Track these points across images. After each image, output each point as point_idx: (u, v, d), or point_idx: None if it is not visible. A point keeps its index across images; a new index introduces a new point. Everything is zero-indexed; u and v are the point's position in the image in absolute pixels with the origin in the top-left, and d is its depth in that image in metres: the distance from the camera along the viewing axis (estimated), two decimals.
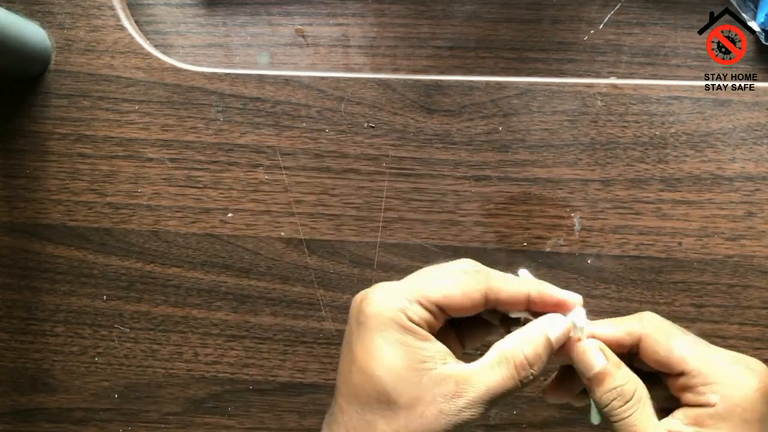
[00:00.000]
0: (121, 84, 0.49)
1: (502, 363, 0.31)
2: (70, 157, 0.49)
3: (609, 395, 0.31)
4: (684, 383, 0.31)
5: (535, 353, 0.31)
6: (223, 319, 0.49)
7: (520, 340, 0.32)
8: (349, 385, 0.31)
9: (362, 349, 0.31)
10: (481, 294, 0.32)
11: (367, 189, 0.48)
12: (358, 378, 0.31)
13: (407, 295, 0.32)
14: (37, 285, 0.50)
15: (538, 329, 0.32)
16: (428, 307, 0.32)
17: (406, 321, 0.31)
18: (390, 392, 0.30)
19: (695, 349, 0.32)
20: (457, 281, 0.32)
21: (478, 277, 0.33)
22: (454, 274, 0.33)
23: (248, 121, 0.48)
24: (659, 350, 0.32)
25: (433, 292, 0.32)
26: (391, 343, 0.31)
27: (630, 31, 0.49)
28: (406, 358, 0.30)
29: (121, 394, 0.50)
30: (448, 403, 0.30)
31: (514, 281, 0.33)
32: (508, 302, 0.33)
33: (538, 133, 0.47)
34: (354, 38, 0.50)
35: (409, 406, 0.30)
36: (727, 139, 0.45)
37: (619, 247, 0.47)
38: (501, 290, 0.32)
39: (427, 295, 0.32)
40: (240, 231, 0.49)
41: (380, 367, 0.30)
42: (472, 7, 0.50)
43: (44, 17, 0.49)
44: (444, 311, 0.32)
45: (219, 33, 0.51)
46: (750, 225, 0.46)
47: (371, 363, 0.31)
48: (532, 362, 0.31)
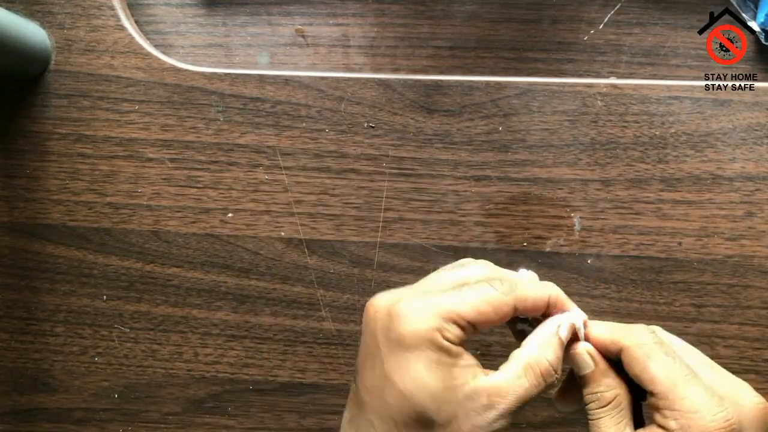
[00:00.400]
0: (121, 84, 0.49)
1: (528, 372, 0.32)
2: (70, 157, 0.49)
3: (590, 397, 0.33)
4: (654, 403, 0.31)
5: (556, 358, 0.33)
6: (223, 319, 0.49)
7: (541, 347, 0.33)
8: (383, 403, 0.32)
9: (398, 369, 0.32)
10: (511, 308, 0.33)
11: (367, 189, 0.48)
12: (395, 398, 0.32)
13: (441, 313, 0.32)
14: (37, 285, 0.50)
15: (551, 332, 0.33)
16: (462, 325, 0.32)
17: (442, 341, 0.31)
18: (428, 412, 0.31)
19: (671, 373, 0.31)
20: (488, 298, 0.33)
21: (505, 289, 0.33)
22: (482, 289, 0.33)
23: (248, 121, 0.48)
24: (634, 366, 0.32)
25: (467, 312, 0.32)
26: (428, 364, 0.31)
27: (630, 31, 0.49)
28: (442, 377, 0.31)
29: (121, 394, 0.50)
30: (480, 416, 0.31)
31: (537, 289, 0.34)
32: (533, 310, 0.34)
33: (538, 133, 0.47)
34: (354, 38, 0.50)
35: (446, 422, 0.31)
36: (727, 139, 0.45)
37: (619, 247, 0.47)
38: (527, 300, 0.33)
39: (461, 313, 0.32)
40: (240, 231, 0.49)
41: (418, 389, 0.31)
42: (472, 7, 0.50)
43: (44, 17, 0.49)
44: (475, 327, 0.33)
45: (219, 33, 0.51)
46: (750, 225, 0.46)
47: (409, 385, 0.31)
48: (556, 367, 0.33)
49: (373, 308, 0.33)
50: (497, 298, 0.33)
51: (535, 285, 0.34)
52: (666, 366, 0.32)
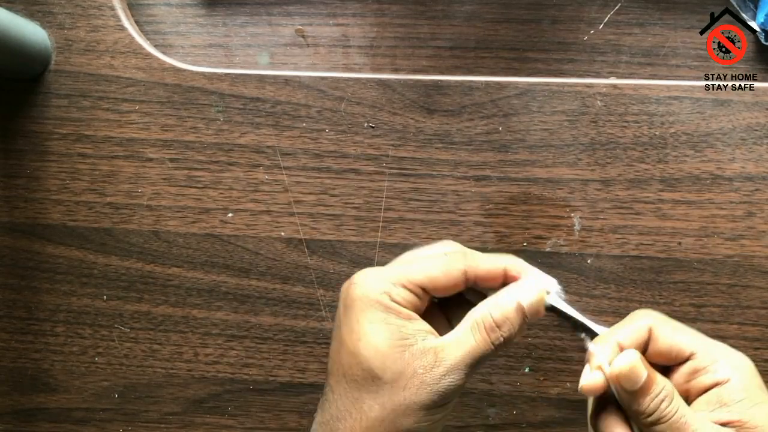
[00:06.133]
0: (122, 84, 0.49)
1: (474, 328, 0.33)
2: (70, 157, 0.49)
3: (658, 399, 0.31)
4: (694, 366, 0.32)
5: (503, 316, 0.33)
6: (223, 319, 0.49)
7: (489, 305, 0.33)
8: (338, 365, 0.33)
9: (348, 330, 0.33)
10: (460, 272, 0.33)
11: (367, 189, 0.48)
12: (345, 358, 0.33)
13: (391, 278, 0.33)
14: (37, 285, 0.50)
15: (507, 295, 0.34)
16: (412, 289, 0.33)
17: (389, 302, 0.32)
18: (374, 369, 0.32)
19: (694, 333, 0.33)
20: (438, 262, 0.34)
21: (457, 256, 0.34)
22: (436, 255, 0.34)
23: (248, 121, 0.48)
24: (668, 338, 0.32)
25: (416, 275, 0.33)
26: (374, 322, 0.32)
27: (630, 31, 0.49)
28: (389, 336, 0.32)
29: (121, 394, 0.50)
30: (428, 373, 0.32)
31: (492, 258, 0.34)
32: (487, 277, 0.34)
33: (538, 133, 0.47)
34: (354, 38, 0.50)
35: (393, 380, 0.32)
36: (726, 139, 0.45)
37: (619, 247, 0.47)
38: (479, 267, 0.34)
39: (411, 277, 0.33)
40: (240, 231, 0.49)
41: (365, 346, 0.32)
42: (472, 7, 0.50)
43: (44, 17, 0.49)
44: (428, 292, 0.34)
45: (219, 33, 0.51)
46: (750, 225, 0.46)
47: (357, 343, 0.32)
48: (500, 324, 0.33)
49: (343, 285, 0.35)
50: (446, 264, 0.34)
51: (491, 257, 0.35)
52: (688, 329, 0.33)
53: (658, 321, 0.33)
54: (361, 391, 0.32)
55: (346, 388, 0.32)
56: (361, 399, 0.32)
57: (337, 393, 0.33)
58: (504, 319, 0.33)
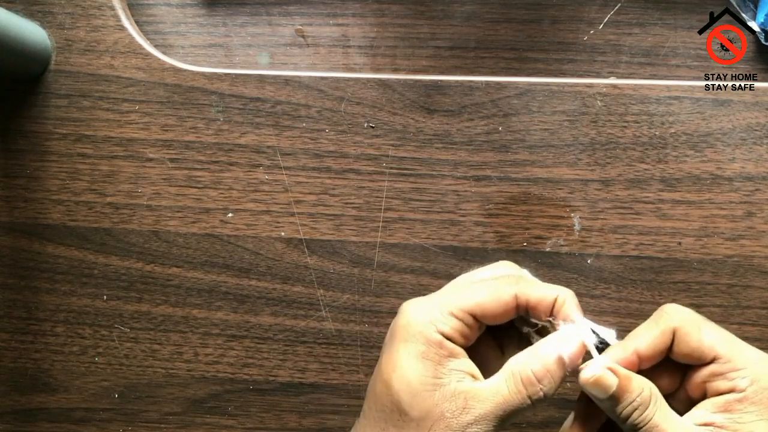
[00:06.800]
0: (121, 84, 0.49)
1: (509, 379, 0.31)
2: (70, 157, 0.49)
3: (630, 407, 0.31)
4: (714, 370, 0.31)
5: (544, 369, 0.31)
6: (223, 319, 0.49)
7: (530, 356, 0.32)
8: (372, 392, 0.33)
9: (387, 359, 0.32)
10: (511, 297, 0.32)
11: (367, 189, 0.48)
12: (379, 386, 0.32)
13: (441, 307, 0.32)
14: (37, 285, 0.50)
15: (549, 345, 0.32)
16: (461, 317, 0.32)
17: (433, 334, 0.31)
18: (403, 404, 0.31)
19: (722, 336, 0.32)
20: (488, 287, 0.32)
21: (509, 280, 0.33)
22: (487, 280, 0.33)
23: (248, 121, 0.48)
24: (691, 341, 0.32)
25: (465, 302, 0.32)
26: (411, 356, 0.31)
27: (630, 31, 0.49)
28: (423, 372, 0.31)
29: (121, 394, 0.50)
30: (455, 418, 0.30)
31: (545, 286, 0.33)
32: (538, 306, 0.32)
33: (538, 133, 0.47)
34: (354, 38, 0.50)
35: (420, 419, 0.31)
36: (726, 139, 0.45)
37: (619, 247, 0.47)
38: (531, 293, 0.32)
39: (460, 305, 0.32)
40: (240, 231, 0.49)
41: (398, 378, 0.31)
42: (472, 7, 0.50)
43: (44, 17, 0.49)
44: (478, 320, 0.32)
45: (219, 33, 0.51)
46: (750, 225, 0.46)
47: (391, 374, 0.31)
48: (541, 378, 0.31)
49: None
50: (497, 288, 0.32)
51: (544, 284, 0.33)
52: (717, 330, 0.32)
53: (686, 321, 0.32)
54: (388, 423, 0.31)
55: (376, 416, 0.32)
56: (387, 430, 0.31)
57: (367, 419, 0.32)
58: (545, 372, 0.31)
